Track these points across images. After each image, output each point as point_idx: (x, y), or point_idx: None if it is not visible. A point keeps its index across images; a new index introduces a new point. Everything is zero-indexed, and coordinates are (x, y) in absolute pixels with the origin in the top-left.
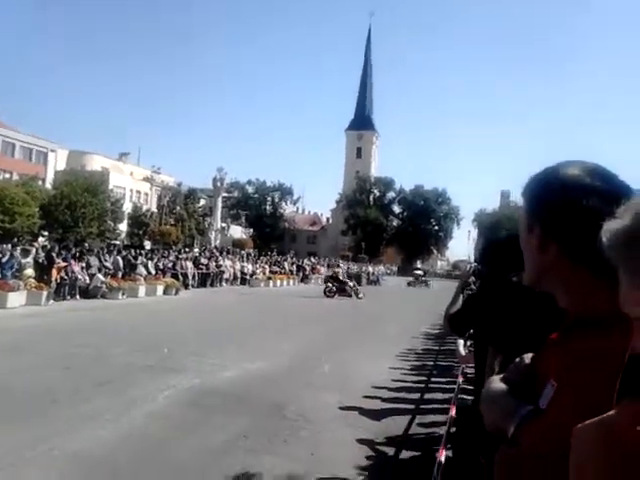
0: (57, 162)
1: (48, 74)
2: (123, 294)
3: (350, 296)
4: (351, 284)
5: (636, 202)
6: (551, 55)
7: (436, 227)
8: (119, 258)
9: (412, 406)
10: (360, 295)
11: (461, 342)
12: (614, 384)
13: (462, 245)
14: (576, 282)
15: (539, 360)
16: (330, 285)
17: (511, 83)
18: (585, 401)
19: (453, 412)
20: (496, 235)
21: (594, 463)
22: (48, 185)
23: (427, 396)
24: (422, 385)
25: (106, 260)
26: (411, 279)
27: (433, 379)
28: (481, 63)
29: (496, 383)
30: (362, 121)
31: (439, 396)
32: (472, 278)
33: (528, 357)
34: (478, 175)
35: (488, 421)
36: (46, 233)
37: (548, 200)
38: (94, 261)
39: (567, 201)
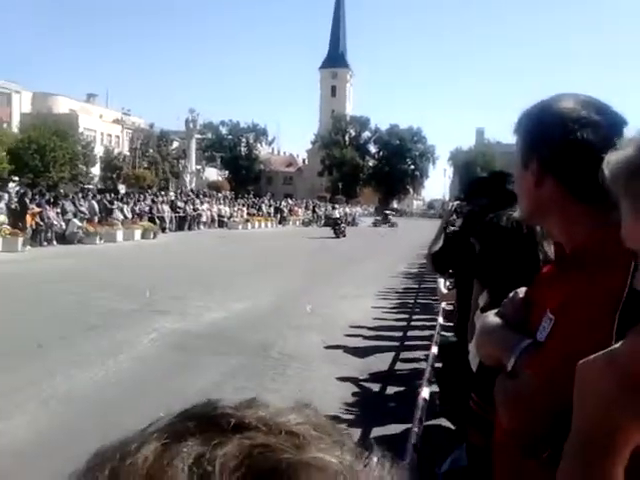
0: (22, 104)
1: (9, 14)
2: (100, 239)
3: (345, 235)
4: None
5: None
6: None
7: (412, 166)
8: (94, 203)
9: (395, 343)
10: (346, 233)
11: (442, 280)
12: (612, 319)
13: (438, 184)
14: (573, 217)
15: (533, 294)
16: (338, 226)
17: (487, 19)
18: (583, 335)
19: (435, 349)
20: (472, 173)
21: (600, 395)
22: (15, 129)
23: (409, 333)
24: (404, 323)
25: (81, 205)
26: (377, 218)
27: (414, 317)
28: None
29: (491, 317)
30: (336, 59)
31: (421, 333)
32: (454, 216)
33: (522, 291)
34: (453, 113)
35: (484, 354)
36: (16, 178)
37: (545, 134)
38: (69, 206)
39: (564, 134)
